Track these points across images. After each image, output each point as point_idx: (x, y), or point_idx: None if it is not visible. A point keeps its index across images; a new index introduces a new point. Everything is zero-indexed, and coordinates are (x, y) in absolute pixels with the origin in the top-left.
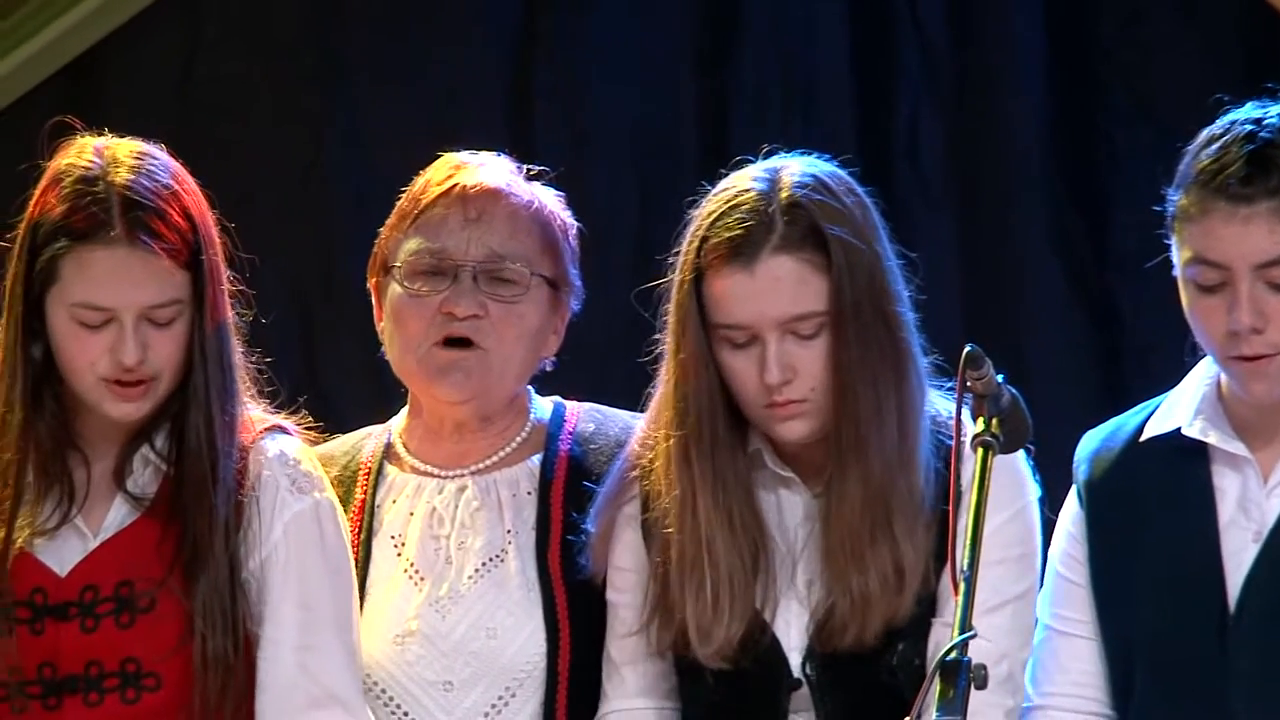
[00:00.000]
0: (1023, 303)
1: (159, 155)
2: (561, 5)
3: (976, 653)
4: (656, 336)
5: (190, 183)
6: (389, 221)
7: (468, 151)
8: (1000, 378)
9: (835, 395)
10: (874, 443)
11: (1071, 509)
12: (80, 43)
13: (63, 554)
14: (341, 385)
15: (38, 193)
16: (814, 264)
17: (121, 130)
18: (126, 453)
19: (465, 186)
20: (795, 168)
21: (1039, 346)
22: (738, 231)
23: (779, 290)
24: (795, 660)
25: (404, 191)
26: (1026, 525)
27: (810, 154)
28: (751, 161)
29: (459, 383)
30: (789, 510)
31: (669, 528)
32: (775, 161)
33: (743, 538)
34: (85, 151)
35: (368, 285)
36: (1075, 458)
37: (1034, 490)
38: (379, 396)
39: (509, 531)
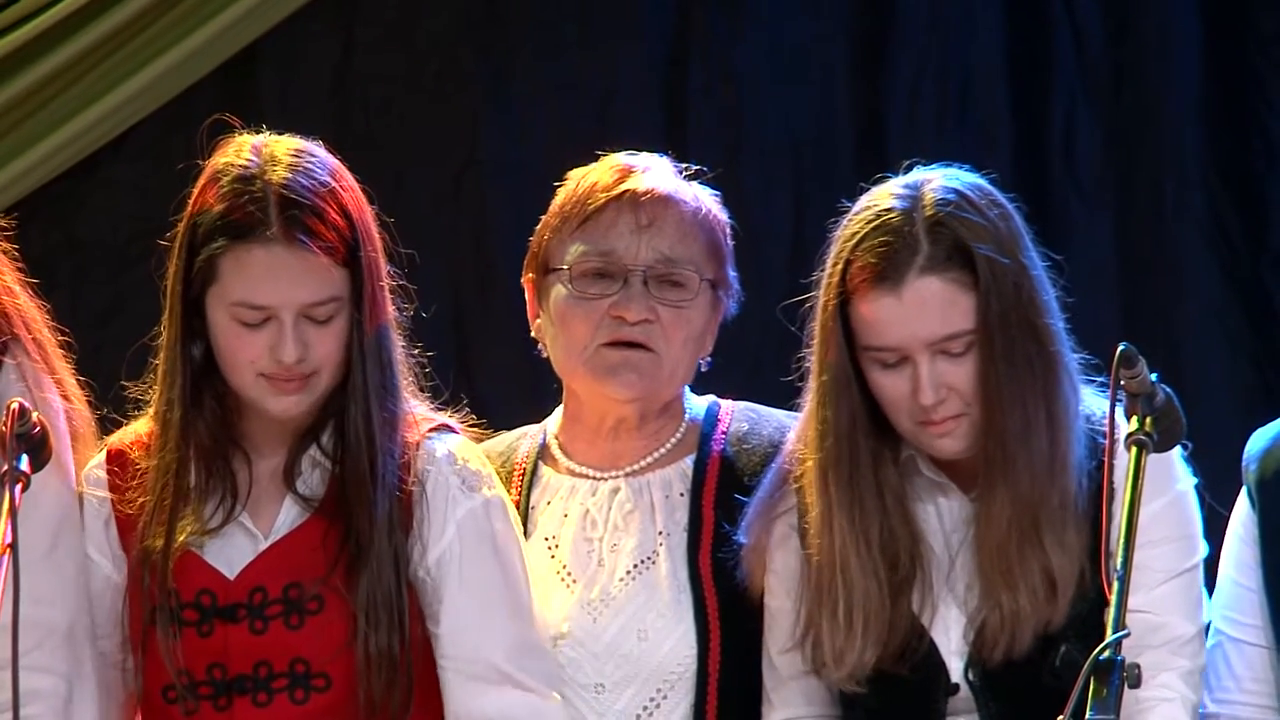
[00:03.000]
0: (1180, 301)
1: (317, 153)
2: (716, 4)
3: (1149, 623)
4: (802, 354)
5: (349, 180)
6: (548, 220)
7: (628, 152)
8: (1154, 376)
9: (984, 411)
10: (1022, 459)
11: (1242, 511)
12: (236, 42)
13: (230, 555)
14: (495, 384)
15: (196, 191)
16: (961, 282)
17: (277, 129)
18: (295, 453)
19: (636, 193)
20: (936, 183)
21: (1196, 345)
22: (882, 253)
23: (927, 312)
24: (955, 665)
25: (560, 188)
26: (1184, 509)
27: (951, 165)
28: (892, 176)
29: (631, 382)
30: (946, 515)
31: (809, 548)
32: (916, 175)
33: (881, 559)
34: (243, 150)
35: (522, 282)
36: (1244, 457)
37: (1188, 478)
38: (532, 395)
39: (661, 533)
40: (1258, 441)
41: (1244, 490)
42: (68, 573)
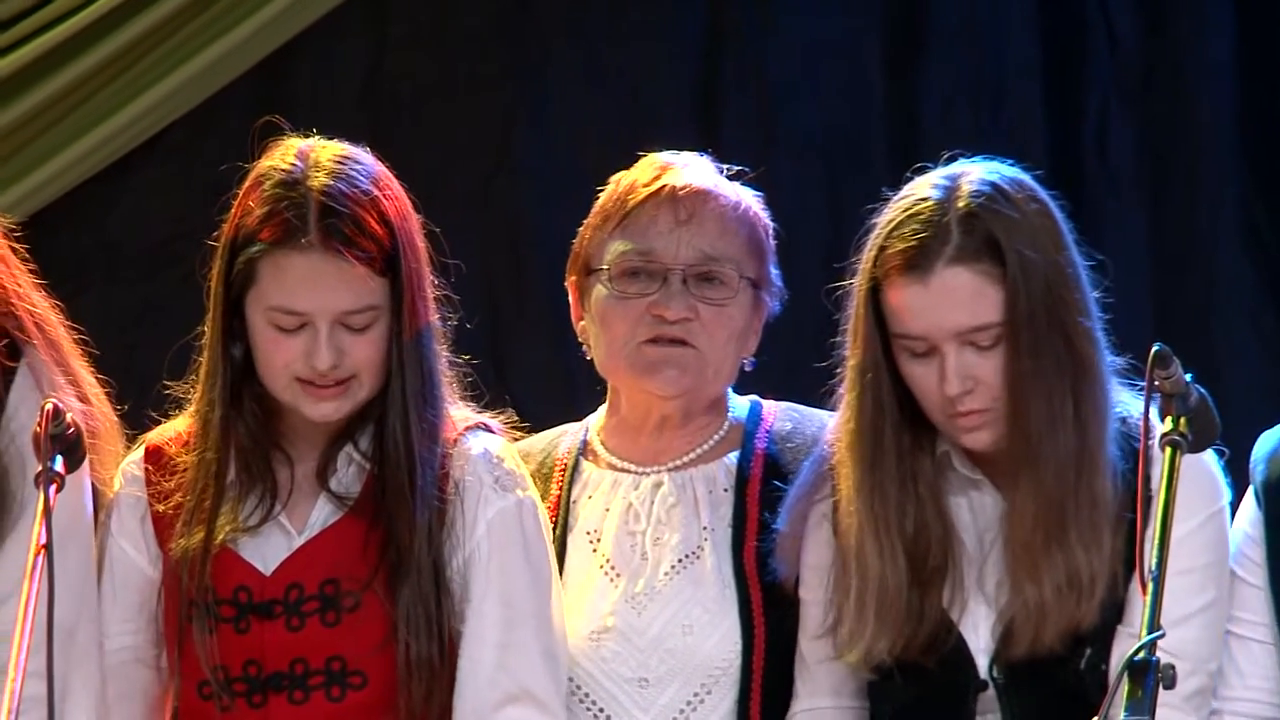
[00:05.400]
0: (1214, 300)
1: (362, 159)
2: (750, 2)
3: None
4: (837, 339)
5: (394, 188)
6: (590, 221)
7: (670, 151)
8: (1188, 376)
9: (1010, 406)
10: (1047, 454)
11: (1249, 510)
12: (270, 42)
13: (266, 552)
14: (530, 384)
15: (240, 194)
16: (990, 275)
17: (309, 130)
18: (330, 452)
19: (675, 187)
20: (974, 175)
21: (1230, 345)
22: (913, 242)
23: (954, 302)
24: (982, 662)
25: (598, 190)
26: (1216, 531)
27: (994, 159)
28: (932, 166)
29: (672, 379)
30: (979, 511)
31: (836, 533)
32: (956, 167)
33: (900, 547)
34: (288, 154)
35: (565, 284)
36: (1252, 458)
37: (1226, 494)
38: (568, 395)
39: (705, 528)
40: (1266, 442)
41: (1250, 490)
42: (72, 573)
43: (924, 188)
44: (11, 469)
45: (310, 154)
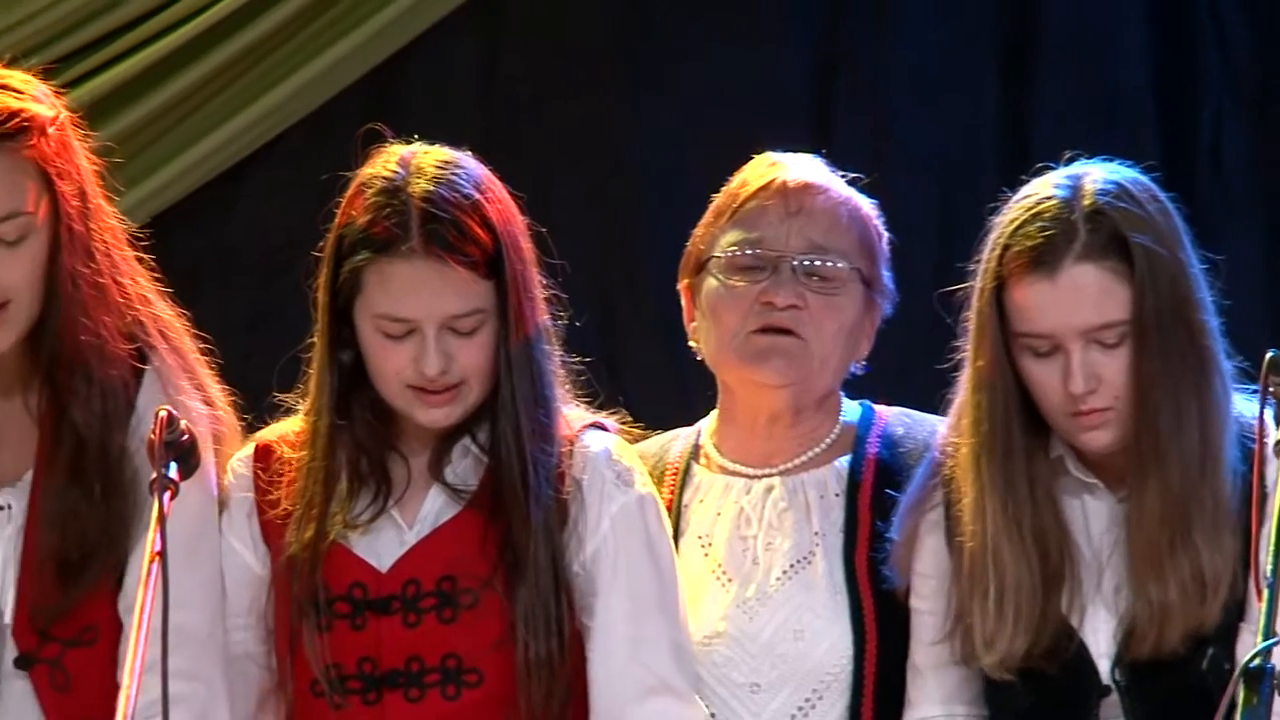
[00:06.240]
0: None
1: (465, 163)
2: (864, 14)
3: None
4: (957, 343)
5: (497, 190)
6: (704, 220)
7: (783, 152)
8: None
9: (1136, 405)
10: (1174, 453)
11: None
12: (386, 47)
13: (380, 548)
14: (644, 386)
15: (344, 202)
16: (1117, 272)
17: (424, 136)
18: (444, 446)
19: (785, 181)
20: (1097, 174)
21: None
22: (1040, 239)
23: (1082, 299)
24: (1104, 667)
25: (712, 195)
26: None
27: (1112, 160)
28: (1053, 168)
29: (780, 368)
30: (1094, 516)
31: (961, 535)
32: (1077, 168)
33: (1033, 548)
34: (390, 161)
35: (678, 287)
36: None
37: None
38: (682, 397)
39: (816, 534)
40: None
41: None
42: (205, 577)
43: (1046, 187)
44: (141, 472)
45: (412, 160)
